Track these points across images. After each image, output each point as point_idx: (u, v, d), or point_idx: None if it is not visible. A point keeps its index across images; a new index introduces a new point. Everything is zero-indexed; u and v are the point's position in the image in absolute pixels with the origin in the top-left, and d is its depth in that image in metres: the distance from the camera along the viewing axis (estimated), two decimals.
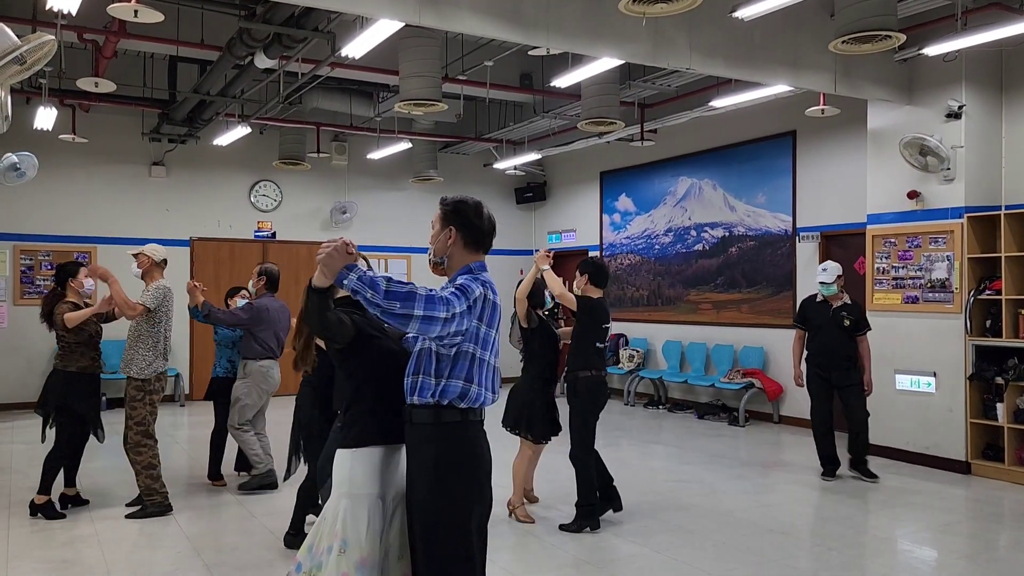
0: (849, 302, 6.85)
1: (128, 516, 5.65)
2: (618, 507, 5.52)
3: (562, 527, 5.33)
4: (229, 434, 6.45)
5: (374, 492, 2.83)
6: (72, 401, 5.58)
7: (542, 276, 5.47)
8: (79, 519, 5.58)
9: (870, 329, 6.90)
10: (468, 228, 2.88)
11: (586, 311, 5.40)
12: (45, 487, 5.58)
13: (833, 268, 6.86)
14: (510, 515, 5.57)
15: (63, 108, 9.86)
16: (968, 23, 6.40)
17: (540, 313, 5.63)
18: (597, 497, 5.34)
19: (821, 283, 6.86)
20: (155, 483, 5.67)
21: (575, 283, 5.61)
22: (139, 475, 5.66)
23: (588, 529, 5.25)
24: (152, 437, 5.69)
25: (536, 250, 13.99)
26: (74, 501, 5.88)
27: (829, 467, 6.87)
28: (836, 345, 6.76)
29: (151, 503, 5.66)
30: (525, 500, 5.73)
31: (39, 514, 5.58)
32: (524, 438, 5.60)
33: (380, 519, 2.81)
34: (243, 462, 6.72)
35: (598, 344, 5.36)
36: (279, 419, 6.84)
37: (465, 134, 12.33)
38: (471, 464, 2.75)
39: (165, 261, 6.09)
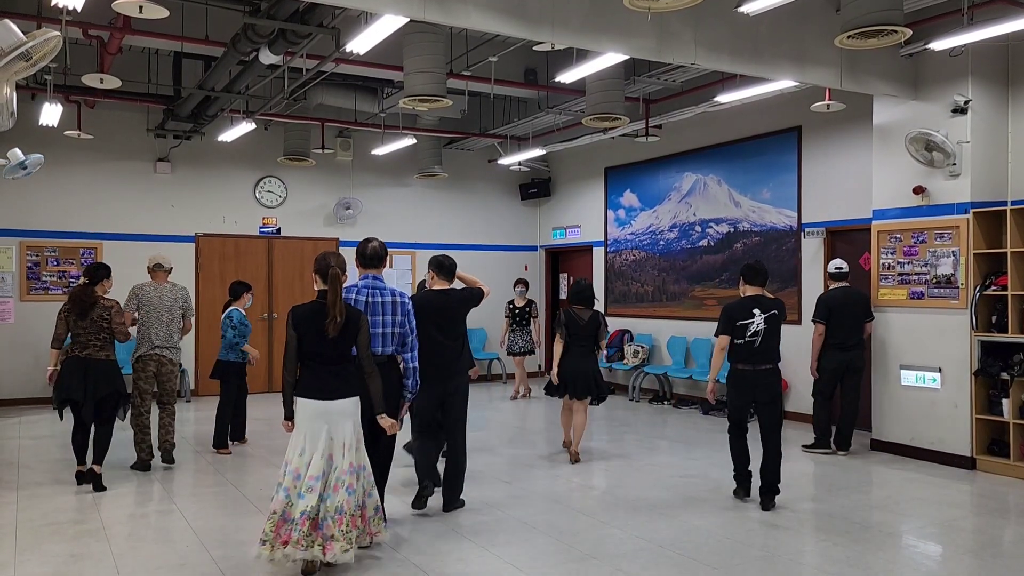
0: None
1: (132, 466, 6.88)
2: (741, 494, 6.07)
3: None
4: (231, 407, 7.79)
5: None
6: (115, 384, 6.35)
7: None
8: (87, 514, 5.61)
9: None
10: (358, 256, 5.04)
11: (723, 315, 5.95)
12: (99, 457, 6.30)
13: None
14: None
15: (68, 104, 9.88)
16: (975, 17, 6.38)
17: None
18: (741, 470, 6.10)
19: None
20: (140, 444, 6.89)
21: (741, 288, 6.23)
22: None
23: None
24: (137, 408, 6.85)
25: (538, 247, 14.05)
26: (88, 479, 6.26)
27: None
28: None
29: (138, 458, 6.90)
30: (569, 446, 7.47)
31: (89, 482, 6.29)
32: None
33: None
34: (238, 433, 8.01)
35: (736, 341, 5.82)
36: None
37: (470, 130, 12.33)
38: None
39: (160, 266, 7.32)
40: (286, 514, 4.28)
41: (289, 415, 4.49)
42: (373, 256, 4.98)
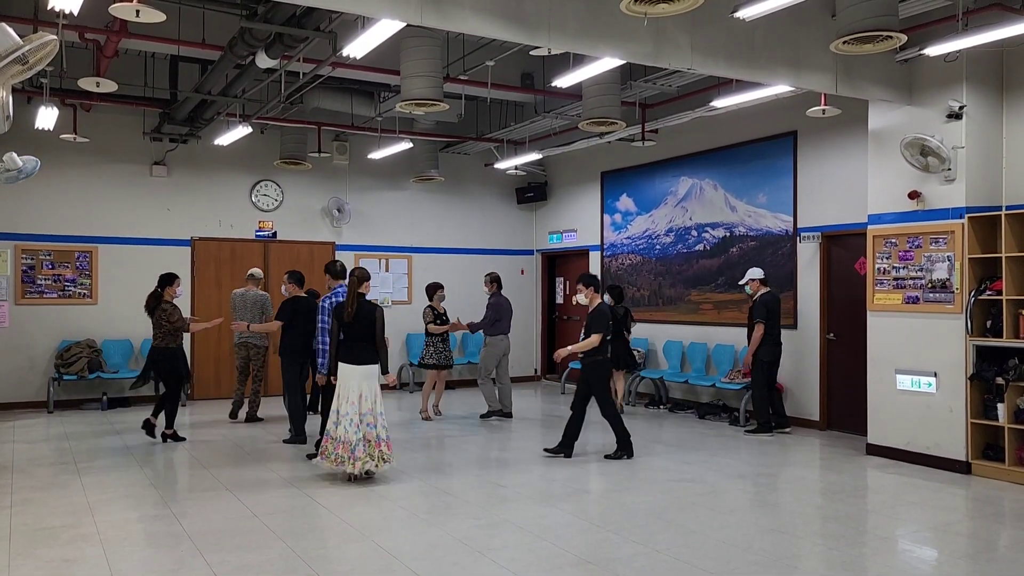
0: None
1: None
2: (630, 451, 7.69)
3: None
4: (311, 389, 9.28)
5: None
6: (169, 366, 8.19)
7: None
8: (81, 518, 5.59)
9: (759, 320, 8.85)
10: (327, 272, 7.50)
11: (604, 318, 7.57)
12: (168, 422, 8.30)
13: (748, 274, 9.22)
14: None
15: (64, 108, 9.87)
16: (969, 23, 6.40)
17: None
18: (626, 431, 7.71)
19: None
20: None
21: (584, 294, 7.66)
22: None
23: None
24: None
25: (534, 251, 14.06)
26: (174, 438, 8.30)
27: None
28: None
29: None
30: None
31: (150, 433, 8.27)
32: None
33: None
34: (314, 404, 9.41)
35: (607, 337, 7.60)
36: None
37: (466, 134, 12.34)
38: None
39: (252, 276, 9.77)
40: (334, 436, 6.53)
41: (332, 372, 6.79)
42: (342, 271, 7.47)
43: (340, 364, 6.59)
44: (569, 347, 7.67)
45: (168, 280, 8.27)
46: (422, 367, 10.11)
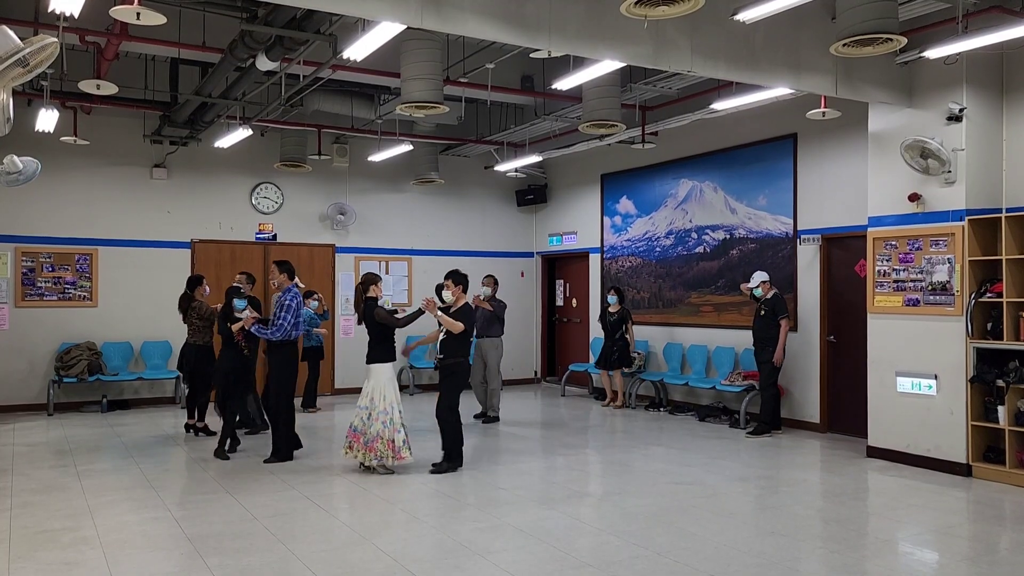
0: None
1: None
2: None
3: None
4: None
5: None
6: (196, 363, 8.66)
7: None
8: (81, 521, 5.59)
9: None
10: (287, 272, 7.63)
11: (471, 315, 7.27)
12: (200, 416, 8.81)
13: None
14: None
15: (65, 110, 9.88)
16: (969, 26, 6.40)
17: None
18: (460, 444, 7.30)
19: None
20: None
21: (452, 292, 7.21)
22: None
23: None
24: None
25: (534, 254, 14.07)
26: (205, 431, 8.74)
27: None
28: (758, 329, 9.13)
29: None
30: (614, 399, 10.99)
31: (191, 431, 8.82)
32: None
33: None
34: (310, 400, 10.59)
35: (471, 339, 7.41)
36: None
37: (466, 136, 12.35)
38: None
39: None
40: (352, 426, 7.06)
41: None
42: (291, 268, 7.68)
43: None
44: (438, 312, 7.07)
45: (197, 282, 8.95)
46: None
